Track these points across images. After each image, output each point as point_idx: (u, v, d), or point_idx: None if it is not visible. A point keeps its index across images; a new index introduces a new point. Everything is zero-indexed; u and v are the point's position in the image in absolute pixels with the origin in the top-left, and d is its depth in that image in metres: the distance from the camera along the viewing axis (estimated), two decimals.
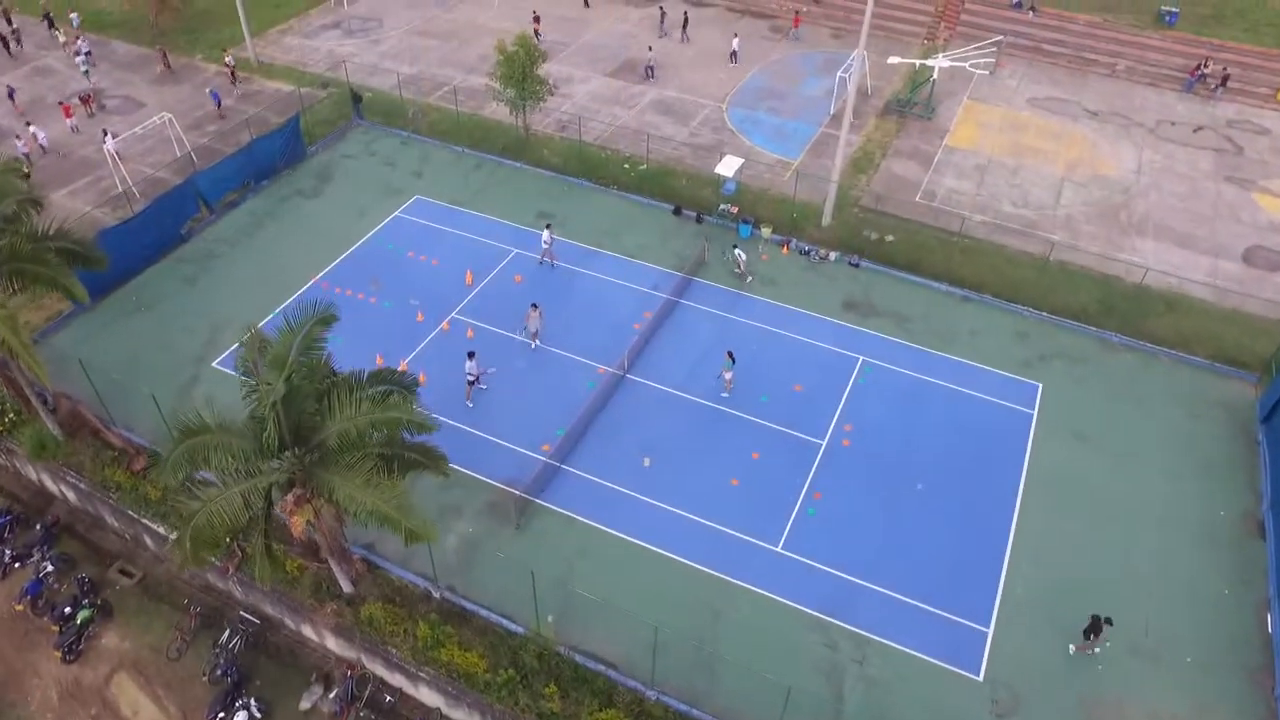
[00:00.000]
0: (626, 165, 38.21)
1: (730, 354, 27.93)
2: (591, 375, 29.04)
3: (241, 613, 24.55)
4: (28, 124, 39.51)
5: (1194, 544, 24.84)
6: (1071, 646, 22.30)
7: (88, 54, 44.93)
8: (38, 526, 26.59)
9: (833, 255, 33.77)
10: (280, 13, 51.21)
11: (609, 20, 50.13)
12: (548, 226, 32.84)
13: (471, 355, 27.65)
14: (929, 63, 39.75)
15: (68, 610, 24.17)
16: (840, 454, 26.97)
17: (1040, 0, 49.05)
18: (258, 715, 22.42)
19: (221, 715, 22.28)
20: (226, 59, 44.48)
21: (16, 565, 25.86)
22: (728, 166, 34.75)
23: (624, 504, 25.36)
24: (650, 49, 46.09)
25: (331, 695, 22.84)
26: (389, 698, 22.82)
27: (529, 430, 27.30)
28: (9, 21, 48.51)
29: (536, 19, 49.51)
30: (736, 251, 31.99)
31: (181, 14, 48.56)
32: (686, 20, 48.90)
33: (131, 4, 48.00)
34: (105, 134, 38.29)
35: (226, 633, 23.95)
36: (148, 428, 27.20)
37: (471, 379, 27.83)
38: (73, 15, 48.30)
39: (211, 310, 31.43)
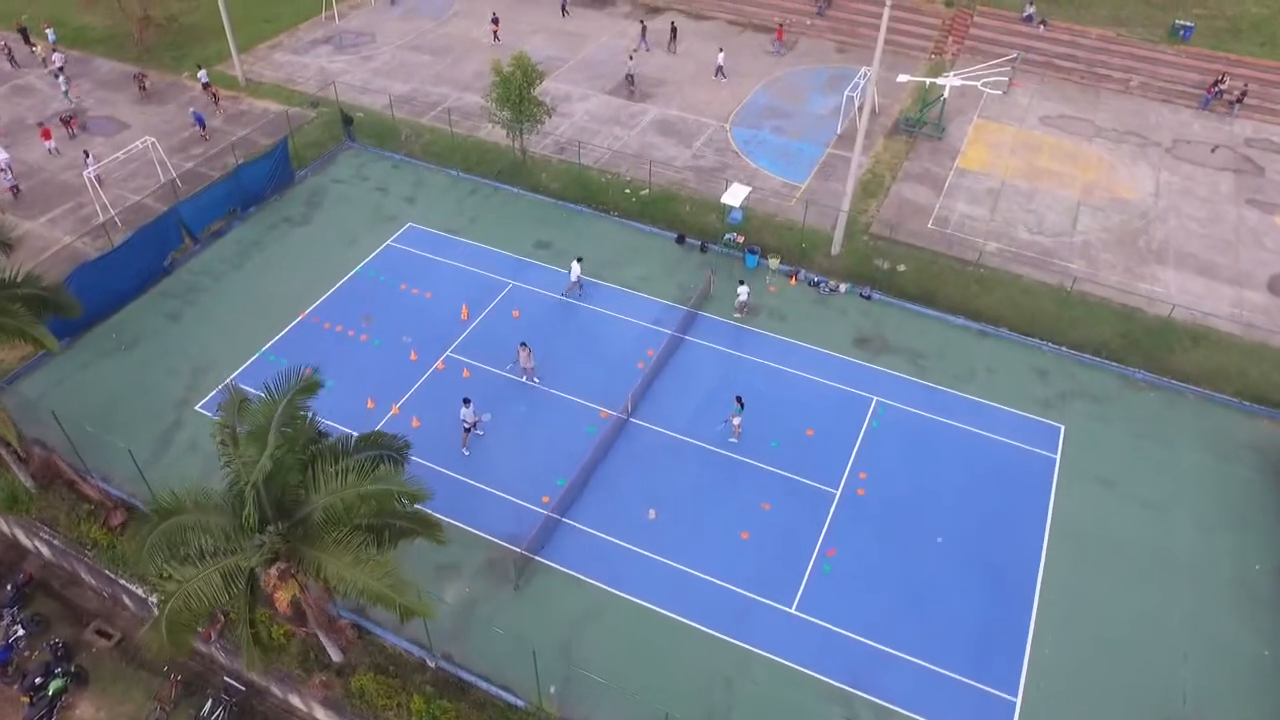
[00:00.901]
0: (628, 190, 36.86)
1: (739, 399, 26.61)
2: (593, 419, 27.70)
3: (225, 679, 23.16)
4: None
5: (1229, 601, 23.60)
6: None
7: (61, 69, 43.45)
8: (8, 586, 25.16)
9: (843, 287, 32.46)
10: (270, 28, 49.73)
11: (607, 34, 48.75)
12: (579, 260, 31.52)
13: (467, 401, 26.31)
14: (940, 81, 38.44)
15: (39, 680, 22.75)
16: (855, 504, 25.67)
17: (1050, 13, 47.73)
18: None
19: None
20: (200, 75, 42.95)
21: None
22: (734, 196, 33.40)
23: (629, 561, 24.04)
24: (630, 58, 45.23)
25: None
26: None
27: (528, 480, 25.96)
28: None
29: (495, 21, 48.76)
30: (741, 290, 30.43)
31: (166, 30, 47.07)
32: (675, 32, 47.59)
33: (114, 20, 46.41)
34: (87, 157, 36.85)
35: (209, 702, 22.58)
36: (126, 477, 25.86)
37: (467, 426, 26.48)
38: (48, 30, 46.72)
39: (195, 349, 30.03)
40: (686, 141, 40.49)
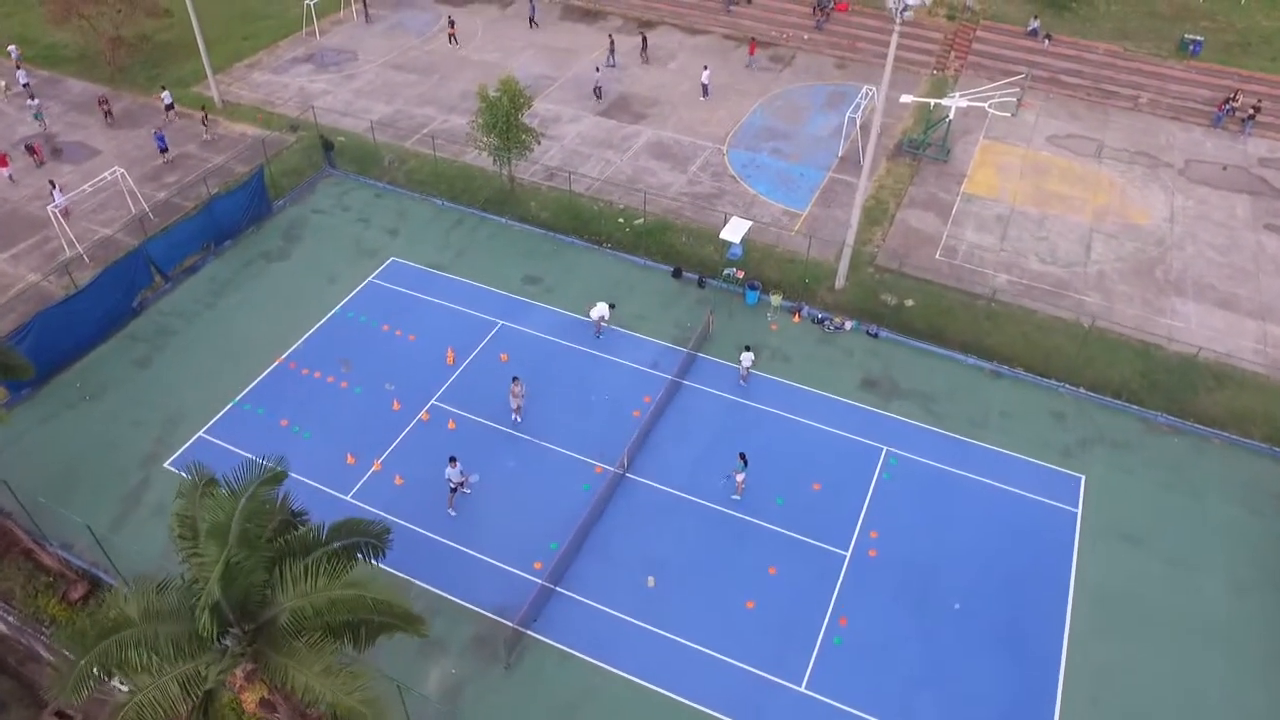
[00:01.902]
0: (621, 220, 35.23)
1: (743, 456, 25.04)
2: (588, 475, 26.09)
3: None
4: None
5: (1266, 670, 22.15)
6: None
7: (26, 85, 41.62)
8: None
9: (848, 324, 30.92)
10: (249, 45, 47.92)
11: (598, 50, 47.01)
12: (611, 306, 29.97)
13: (453, 460, 24.66)
14: (945, 102, 36.87)
15: None
16: (866, 567, 24.13)
17: (1055, 27, 46.24)
18: None
19: None
20: (163, 96, 41.17)
21: None
22: (734, 231, 31.77)
23: (627, 635, 22.45)
24: (598, 70, 44.06)
25: None
26: None
27: (519, 544, 24.35)
28: None
29: (451, 24, 47.89)
30: (745, 356, 28.31)
31: (139, 49, 45.20)
32: (645, 42, 46.07)
33: (84, 38, 44.54)
34: (53, 188, 35.04)
35: None
36: (89, 545, 24.13)
37: (454, 486, 24.84)
38: (11, 48, 44.81)
39: (164, 398, 28.32)
40: (682, 166, 38.87)
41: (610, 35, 46.87)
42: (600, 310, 29.83)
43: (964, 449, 27.16)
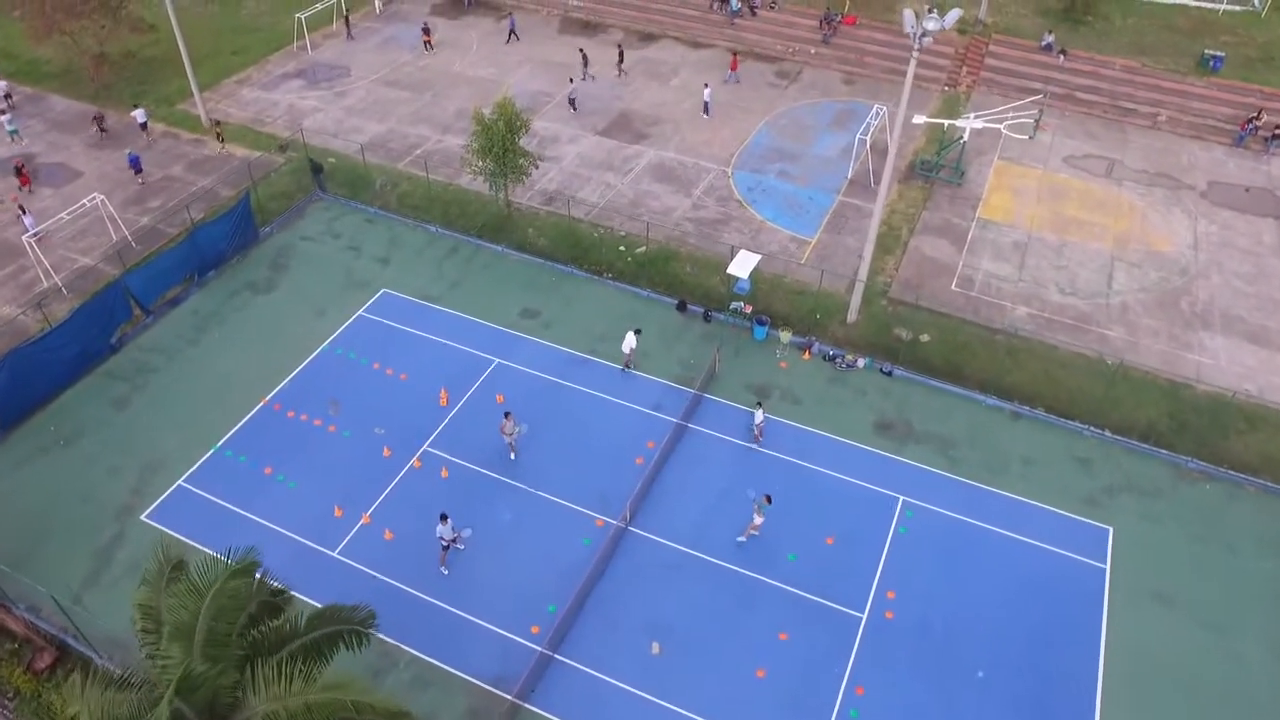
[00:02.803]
0: (622, 248, 33.79)
1: (768, 498, 23.72)
2: (588, 528, 24.68)
3: None
4: None
5: None
6: None
7: (6, 96, 40.19)
8: None
9: (861, 361, 29.50)
10: (238, 60, 46.47)
11: (599, 64, 45.57)
12: (637, 332, 28.59)
13: (444, 518, 23.22)
14: (959, 123, 35.49)
15: None
16: (883, 630, 22.71)
17: (1070, 42, 44.81)
18: None
19: None
20: (135, 114, 39.79)
21: None
22: (741, 266, 30.30)
23: (630, 708, 21.05)
24: (571, 80, 43.32)
25: None
26: None
27: (515, 606, 22.95)
28: None
29: (426, 31, 46.93)
30: (757, 413, 26.69)
31: (124, 67, 43.75)
32: (621, 56, 44.58)
33: (67, 55, 43.10)
34: (23, 213, 33.60)
35: None
36: (58, 607, 22.66)
37: (445, 544, 23.42)
38: None
39: (143, 443, 26.90)
40: (685, 189, 37.42)
41: (581, 49, 45.37)
42: (630, 342, 28.41)
43: (984, 498, 25.76)
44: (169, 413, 27.88)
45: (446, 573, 23.65)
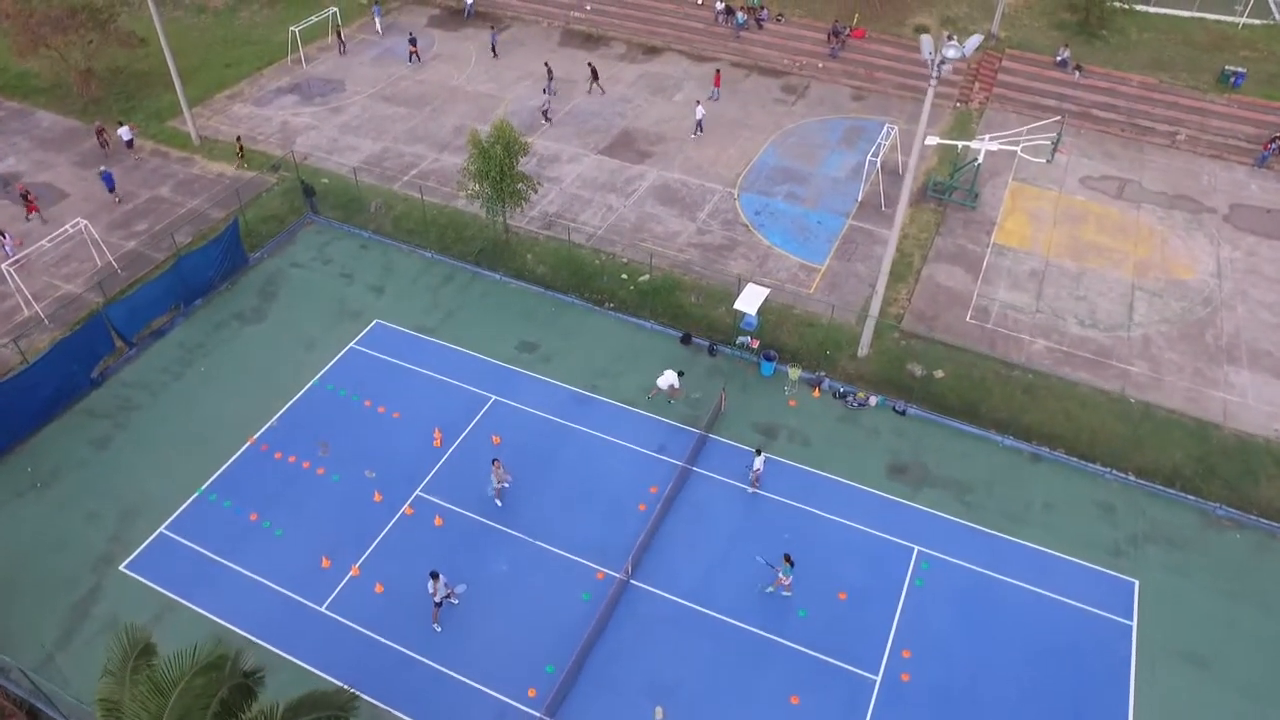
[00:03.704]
0: (625, 276, 32.58)
1: (788, 558, 22.50)
2: (588, 582, 23.49)
3: None
4: None
5: None
6: None
7: None
8: None
9: (873, 399, 28.30)
10: (231, 74, 45.26)
11: (601, 80, 44.29)
12: (680, 374, 27.53)
13: (435, 575, 22.03)
14: (974, 145, 34.25)
15: None
16: (899, 692, 21.53)
17: (1086, 57, 43.54)
18: None
19: None
20: (120, 132, 38.74)
21: None
22: (749, 301, 29.08)
23: None
24: (545, 91, 42.49)
25: None
26: None
27: (511, 666, 21.78)
28: None
29: (413, 42, 45.67)
30: (757, 460, 25.33)
31: (113, 82, 42.57)
32: (595, 73, 43.20)
33: (54, 70, 41.92)
34: (4, 238, 32.47)
35: None
36: (29, 668, 21.54)
37: (438, 602, 22.24)
38: None
39: (123, 485, 25.76)
40: (690, 212, 36.20)
41: (546, 62, 44.15)
42: (669, 379, 27.28)
43: (1003, 548, 24.55)
44: (151, 453, 26.72)
45: (439, 630, 22.48)
